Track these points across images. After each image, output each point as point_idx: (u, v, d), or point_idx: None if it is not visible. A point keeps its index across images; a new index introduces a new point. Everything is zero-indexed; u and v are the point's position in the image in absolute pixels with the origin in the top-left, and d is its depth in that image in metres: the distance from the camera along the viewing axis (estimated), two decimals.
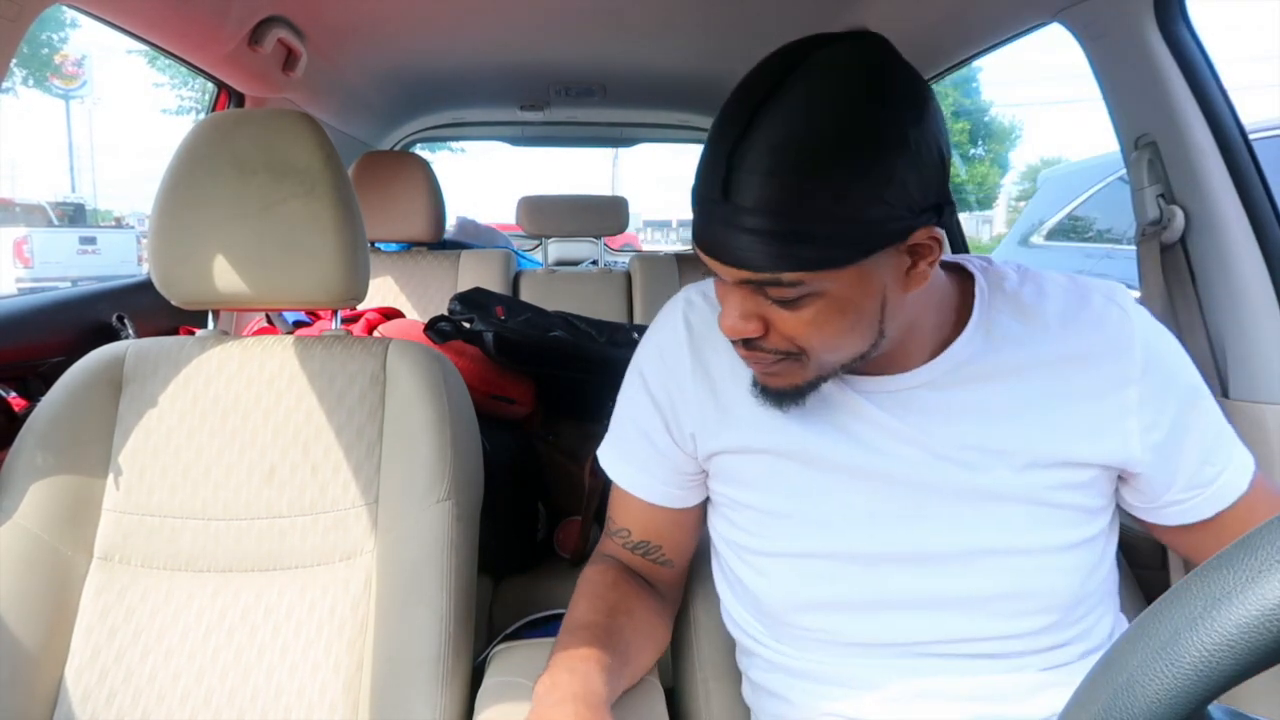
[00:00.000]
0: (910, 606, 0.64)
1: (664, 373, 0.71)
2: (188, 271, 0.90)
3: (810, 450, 0.66)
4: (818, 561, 0.66)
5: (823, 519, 0.66)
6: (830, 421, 0.66)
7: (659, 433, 0.72)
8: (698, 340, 0.70)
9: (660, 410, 0.71)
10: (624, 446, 0.75)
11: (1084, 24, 1.05)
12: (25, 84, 15.46)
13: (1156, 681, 0.30)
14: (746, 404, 0.67)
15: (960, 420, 0.64)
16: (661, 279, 2.17)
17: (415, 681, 0.81)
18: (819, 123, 0.51)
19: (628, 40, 1.78)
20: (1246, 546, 0.30)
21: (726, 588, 0.76)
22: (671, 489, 0.74)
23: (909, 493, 0.64)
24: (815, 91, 0.53)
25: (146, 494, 0.89)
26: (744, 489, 0.69)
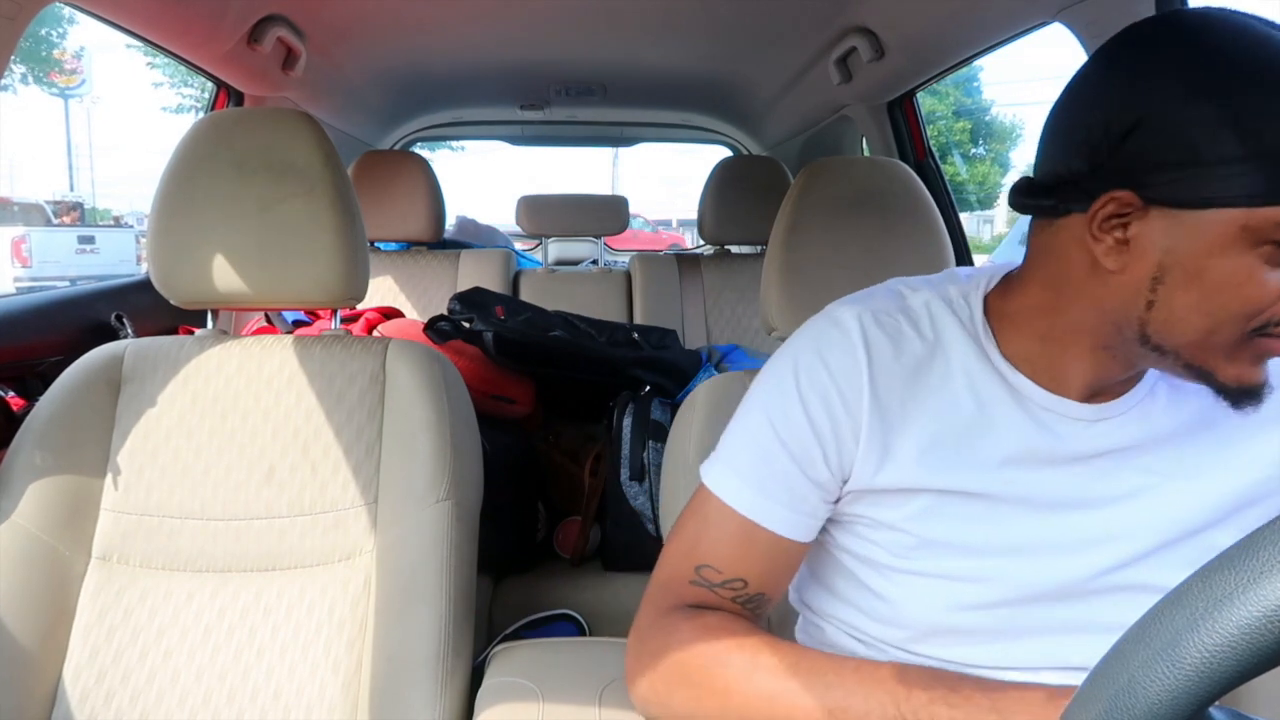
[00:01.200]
0: (1054, 632, 0.61)
1: (834, 396, 0.62)
2: (187, 271, 0.89)
3: (977, 488, 0.60)
4: (972, 586, 0.61)
5: (980, 549, 0.61)
6: (1007, 454, 0.60)
7: (815, 462, 0.62)
8: (877, 369, 0.62)
9: (820, 438, 0.62)
10: (760, 476, 0.63)
11: (1085, 23, 1.05)
12: (24, 82, 15.47)
13: (1158, 682, 0.30)
14: (913, 441, 0.61)
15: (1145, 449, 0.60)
16: (661, 279, 2.17)
17: (415, 681, 0.81)
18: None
19: (628, 39, 1.78)
20: (1248, 547, 0.30)
21: (837, 599, 0.68)
22: (812, 520, 0.64)
23: (1081, 526, 0.60)
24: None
25: (145, 494, 0.89)
26: (891, 512, 0.63)
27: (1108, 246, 0.54)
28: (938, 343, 0.63)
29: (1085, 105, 0.55)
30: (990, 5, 1.25)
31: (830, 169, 0.95)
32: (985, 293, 0.64)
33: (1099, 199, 0.53)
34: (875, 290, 0.68)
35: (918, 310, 0.64)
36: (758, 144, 2.82)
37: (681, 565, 0.65)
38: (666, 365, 1.55)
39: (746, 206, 2.12)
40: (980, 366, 0.62)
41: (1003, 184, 19.36)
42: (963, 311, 0.64)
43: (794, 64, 1.86)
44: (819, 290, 0.90)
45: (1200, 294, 0.51)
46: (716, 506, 0.64)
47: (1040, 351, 0.61)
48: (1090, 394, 0.61)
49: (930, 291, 0.65)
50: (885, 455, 0.61)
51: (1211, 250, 0.50)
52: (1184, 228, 0.51)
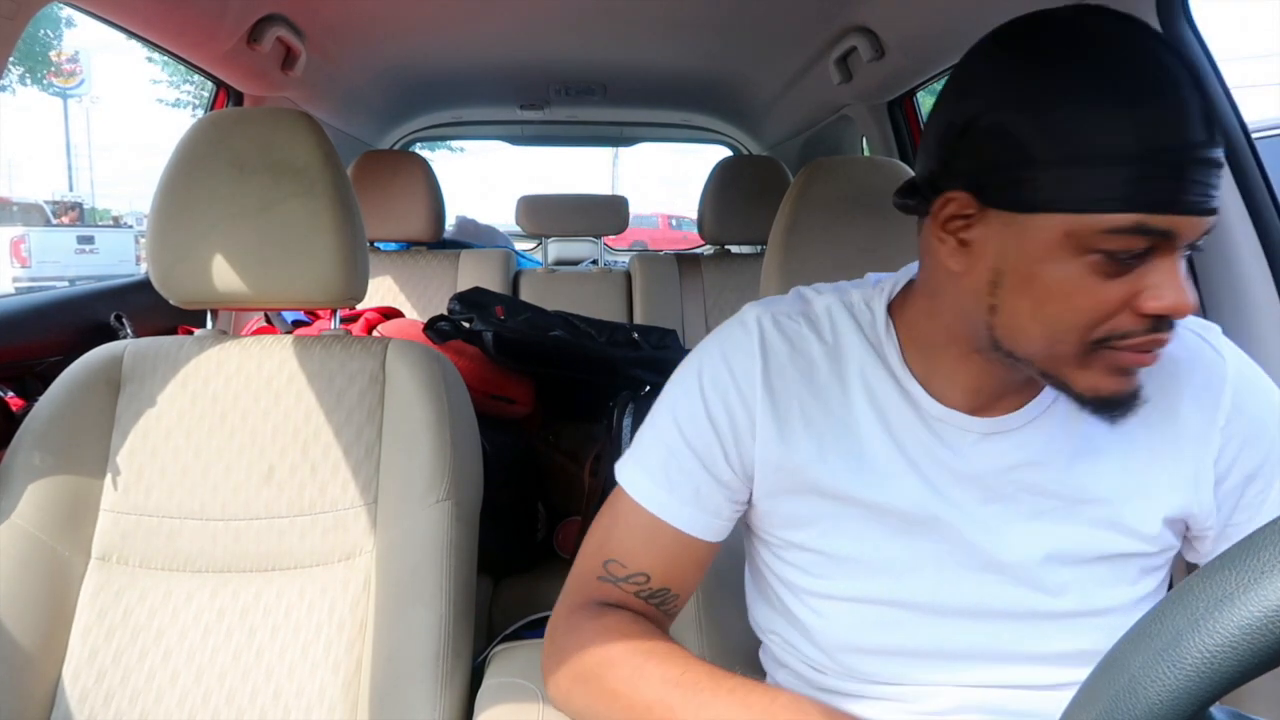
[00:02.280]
0: (973, 658, 0.61)
1: (732, 396, 0.62)
2: (186, 271, 0.89)
3: (877, 498, 0.60)
4: (878, 608, 0.61)
5: (884, 565, 0.61)
6: (904, 464, 0.60)
7: (716, 460, 0.63)
8: (772, 369, 0.62)
9: (719, 435, 0.62)
10: (666, 472, 0.63)
11: None
12: (22, 82, 15.47)
13: (1158, 683, 0.30)
14: (810, 443, 0.61)
15: (1041, 467, 0.59)
16: (661, 279, 2.17)
17: (414, 682, 0.81)
18: None
19: (628, 39, 1.78)
20: (1249, 547, 0.30)
21: (776, 616, 0.69)
22: (717, 520, 0.65)
23: (983, 546, 0.60)
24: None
25: (145, 494, 0.89)
26: (800, 530, 0.63)
27: (950, 247, 0.54)
28: (837, 346, 0.63)
29: (941, 103, 0.56)
30: (990, 5, 1.25)
31: (830, 169, 0.95)
32: (890, 297, 0.64)
33: (939, 199, 0.54)
34: (787, 294, 0.68)
35: (819, 314, 0.64)
36: (758, 144, 2.82)
37: (592, 560, 0.66)
38: (667, 365, 1.54)
39: (746, 206, 2.12)
40: (878, 374, 0.61)
41: None
42: (863, 316, 0.64)
43: (794, 64, 1.86)
44: None
45: (1033, 301, 0.51)
46: (626, 503, 0.64)
47: (929, 358, 0.60)
48: (978, 404, 0.60)
49: (834, 296, 0.65)
50: (785, 451, 0.61)
51: (1040, 256, 0.50)
52: (1015, 231, 0.50)
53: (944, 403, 0.60)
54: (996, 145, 0.50)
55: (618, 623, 0.62)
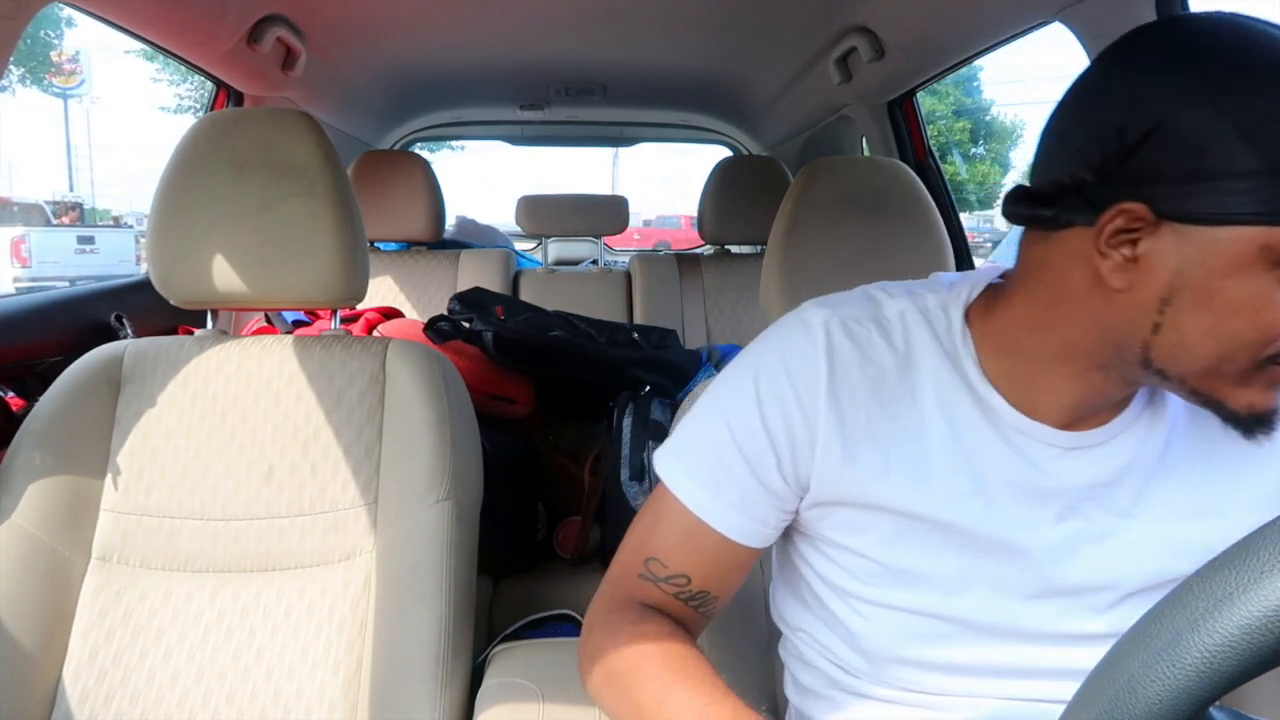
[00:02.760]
0: (1018, 674, 0.59)
1: (792, 407, 0.59)
2: (186, 271, 0.89)
3: (942, 516, 0.57)
4: (927, 621, 0.59)
5: (939, 580, 0.59)
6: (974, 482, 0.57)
7: (768, 470, 0.60)
8: (839, 379, 0.59)
9: (774, 444, 0.59)
10: (714, 475, 0.61)
11: (1085, 23, 1.05)
12: (23, 83, 15.47)
13: (1158, 683, 0.30)
14: (874, 456, 0.58)
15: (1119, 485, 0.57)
16: (661, 279, 2.17)
17: (415, 682, 0.81)
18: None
19: (628, 39, 1.77)
20: (1248, 547, 0.30)
21: (808, 614, 0.67)
22: (764, 528, 0.62)
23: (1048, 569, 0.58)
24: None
25: (145, 494, 0.89)
26: (853, 537, 0.61)
27: (1114, 263, 0.50)
28: (908, 355, 0.60)
29: (1093, 109, 0.51)
30: (990, 5, 1.25)
31: (830, 169, 0.95)
32: (967, 303, 0.61)
33: (1107, 211, 0.49)
34: (853, 294, 0.65)
35: (891, 319, 0.61)
36: (758, 144, 2.82)
37: (634, 556, 0.65)
38: (666, 365, 1.55)
39: (746, 206, 2.12)
40: (953, 384, 0.58)
41: (1003, 184, 19.37)
42: (939, 323, 0.60)
43: (794, 64, 1.86)
44: (819, 290, 0.89)
45: (1213, 318, 0.48)
46: (670, 502, 0.63)
47: (1021, 371, 0.57)
48: (1070, 420, 0.57)
49: (907, 300, 0.62)
50: (846, 466, 0.59)
51: (1227, 271, 0.46)
52: (1197, 246, 0.47)
53: (1029, 415, 0.57)
54: (1180, 153, 0.46)
55: (656, 633, 0.61)
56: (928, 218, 0.93)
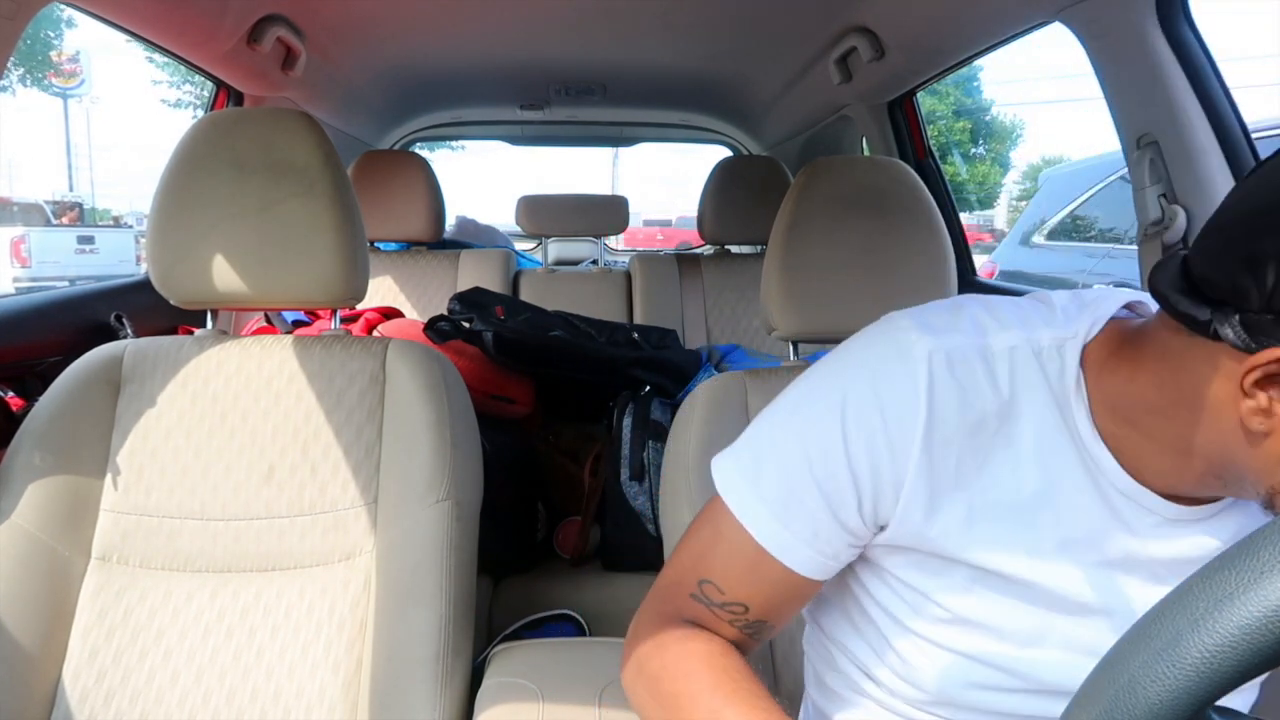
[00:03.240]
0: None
1: (881, 445, 0.54)
2: (186, 271, 0.89)
3: (1023, 575, 0.54)
4: (988, 670, 0.57)
5: (1010, 634, 0.56)
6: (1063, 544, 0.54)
7: (847, 507, 0.56)
8: (936, 424, 0.53)
9: (857, 483, 0.55)
10: (786, 506, 0.56)
11: (1085, 23, 1.05)
12: (23, 83, 15.47)
13: (1158, 683, 0.30)
14: (959, 508, 0.54)
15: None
16: (661, 279, 2.17)
17: (414, 681, 0.81)
18: None
19: (628, 39, 1.77)
20: (1248, 547, 0.30)
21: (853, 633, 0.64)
22: (834, 562, 0.58)
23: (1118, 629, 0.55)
24: None
25: (145, 494, 0.89)
26: (927, 580, 0.57)
27: (1258, 405, 0.44)
28: (1013, 400, 0.54)
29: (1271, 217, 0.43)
30: (990, 5, 1.25)
31: (830, 169, 0.95)
32: (1085, 341, 0.54)
33: (1264, 350, 0.43)
34: (958, 315, 0.57)
35: (998, 355, 0.55)
36: (758, 144, 2.82)
37: (687, 574, 0.61)
38: (666, 365, 1.55)
39: (746, 206, 2.12)
40: (1058, 434, 0.53)
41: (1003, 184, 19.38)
42: (1052, 365, 0.54)
43: (794, 64, 1.86)
44: (819, 290, 0.90)
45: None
46: (732, 526, 0.58)
47: (1134, 440, 0.52)
48: (1173, 494, 0.53)
49: (1020, 333, 0.55)
50: (930, 515, 0.54)
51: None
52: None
53: (1135, 478, 0.52)
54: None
55: (705, 652, 0.57)
56: (928, 217, 0.93)
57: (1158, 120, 0.97)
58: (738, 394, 0.91)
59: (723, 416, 0.90)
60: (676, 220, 16.38)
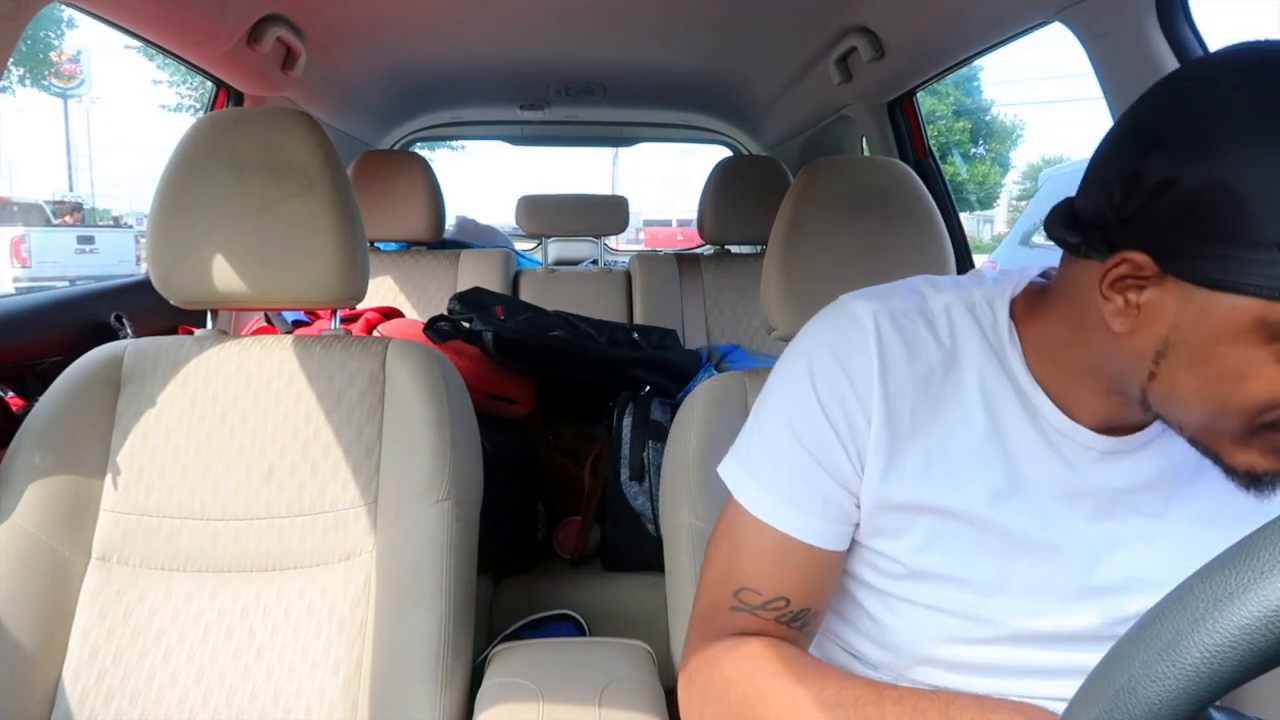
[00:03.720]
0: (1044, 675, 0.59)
1: (850, 399, 0.58)
2: (186, 271, 0.89)
3: (981, 515, 0.57)
4: (960, 621, 0.59)
5: (974, 582, 0.58)
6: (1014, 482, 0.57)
7: (840, 463, 0.59)
8: (889, 373, 0.58)
9: (840, 438, 0.58)
10: (791, 485, 0.59)
11: (1086, 23, 1.05)
12: (23, 83, 15.47)
13: (1158, 683, 0.30)
14: (915, 456, 0.58)
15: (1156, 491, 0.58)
16: (661, 279, 2.17)
17: (414, 681, 0.81)
18: None
19: (628, 39, 1.77)
20: (1249, 547, 0.30)
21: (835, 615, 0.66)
22: (847, 528, 0.61)
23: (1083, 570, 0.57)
24: None
25: (145, 494, 0.89)
26: (889, 542, 0.60)
27: (1116, 307, 0.50)
28: (955, 350, 0.59)
29: (1126, 144, 0.49)
30: (990, 5, 1.25)
31: (830, 169, 0.95)
32: (1012, 298, 0.60)
33: (1114, 256, 0.48)
34: (897, 286, 0.64)
35: (937, 313, 0.60)
36: (758, 144, 2.82)
37: (719, 592, 0.62)
38: (666, 365, 1.55)
39: (746, 206, 2.12)
40: (998, 380, 0.58)
41: (1003, 184, 19.37)
42: (985, 318, 0.60)
43: (794, 64, 1.86)
44: (819, 290, 0.90)
45: (1202, 379, 0.47)
46: (748, 525, 0.60)
47: (1059, 378, 0.57)
48: (1105, 426, 0.57)
49: (954, 294, 0.61)
50: (890, 465, 0.58)
51: (1220, 337, 0.46)
52: (1196, 306, 0.46)
53: (1069, 416, 0.57)
54: (1200, 214, 0.44)
55: (759, 649, 0.58)
56: (928, 217, 0.93)
57: None
58: (738, 394, 0.91)
59: (723, 416, 0.90)
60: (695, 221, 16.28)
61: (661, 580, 0.91)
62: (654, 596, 1.22)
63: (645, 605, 1.32)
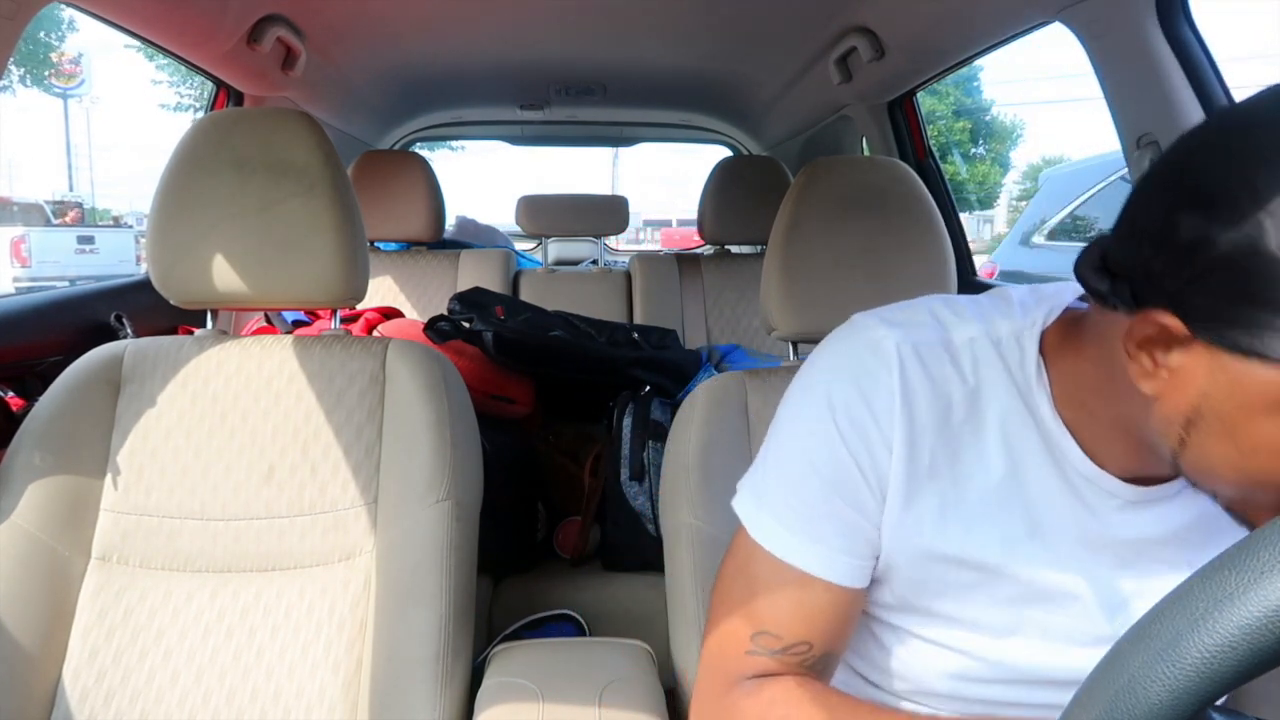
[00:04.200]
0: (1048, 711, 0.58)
1: (873, 432, 0.55)
2: (186, 271, 0.89)
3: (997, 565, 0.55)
4: (965, 660, 0.57)
5: (987, 627, 0.56)
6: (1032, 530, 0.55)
7: (863, 496, 0.56)
8: (913, 412, 0.55)
9: (861, 470, 0.55)
10: (813, 523, 0.56)
11: (1086, 23, 1.05)
12: (23, 83, 15.47)
13: (1158, 683, 0.30)
14: (931, 500, 0.55)
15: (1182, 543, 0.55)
16: (661, 279, 2.17)
17: (414, 682, 0.81)
18: None
19: (628, 39, 1.77)
20: (1249, 548, 0.30)
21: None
22: (868, 563, 0.57)
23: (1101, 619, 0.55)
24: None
25: (145, 494, 0.89)
26: (900, 589, 0.58)
27: (1142, 368, 0.46)
28: (978, 390, 0.56)
29: (1162, 194, 0.45)
30: (990, 5, 1.25)
31: (830, 168, 0.95)
32: (1042, 331, 0.56)
33: (1139, 314, 0.45)
34: (915, 310, 0.59)
35: (960, 347, 0.57)
36: (758, 144, 2.82)
37: (734, 635, 0.58)
38: (666, 365, 1.55)
39: (746, 206, 2.12)
40: (1021, 422, 0.55)
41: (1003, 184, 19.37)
42: (1012, 355, 0.56)
43: (794, 64, 1.86)
44: (819, 290, 0.90)
45: (1237, 452, 0.44)
46: (765, 563, 0.57)
47: (1088, 423, 0.54)
48: (1133, 477, 0.55)
49: (978, 326, 0.57)
50: (907, 506, 0.55)
51: (1254, 409, 0.42)
52: (1229, 375, 0.43)
53: (1096, 462, 0.54)
54: (1235, 278, 0.41)
55: (784, 693, 0.55)
56: (928, 217, 0.93)
57: (1158, 120, 0.97)
58: (738, 394, 0.91)
59: (723, 416, 0.90)
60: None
61: (661, 580, 0.91)
62: (654, 596, 1.22)
63: (645, 605, 1.32)
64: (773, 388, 0.92)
